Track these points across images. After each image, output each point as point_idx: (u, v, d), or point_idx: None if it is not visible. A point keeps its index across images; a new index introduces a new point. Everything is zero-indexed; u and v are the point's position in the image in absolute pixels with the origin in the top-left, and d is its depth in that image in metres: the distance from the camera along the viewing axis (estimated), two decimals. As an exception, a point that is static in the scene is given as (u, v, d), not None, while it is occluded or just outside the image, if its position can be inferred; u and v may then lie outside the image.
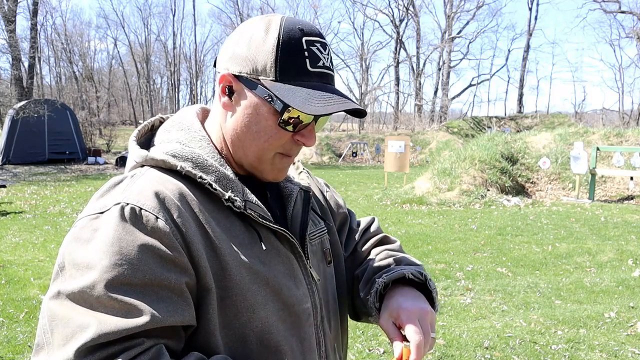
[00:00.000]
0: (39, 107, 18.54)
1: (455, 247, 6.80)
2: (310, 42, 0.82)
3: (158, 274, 0.72)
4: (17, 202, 10.65)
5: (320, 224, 1.01)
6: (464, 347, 3.70)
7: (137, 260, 0.71)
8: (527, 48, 39.04)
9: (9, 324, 4.11)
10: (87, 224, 0.75)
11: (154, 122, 0.97)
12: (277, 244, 0.87)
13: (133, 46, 47.28)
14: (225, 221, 0.82)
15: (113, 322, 0.68)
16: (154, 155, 0.83)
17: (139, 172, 0.83)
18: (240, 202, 0.82)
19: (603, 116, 37.93)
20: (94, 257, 0.71)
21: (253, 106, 0.83)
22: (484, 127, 28.42)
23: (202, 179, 0.82)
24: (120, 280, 0.70)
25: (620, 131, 13.45)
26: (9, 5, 23.39)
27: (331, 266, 1.02)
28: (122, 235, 0.72)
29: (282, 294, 0.84)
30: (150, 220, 0.74)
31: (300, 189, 0.97)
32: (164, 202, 0.77)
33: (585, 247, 6.78)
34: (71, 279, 0.71)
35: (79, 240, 0.74)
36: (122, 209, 0.74)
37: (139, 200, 0.76)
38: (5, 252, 6.44)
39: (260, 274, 0.82)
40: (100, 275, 0.69)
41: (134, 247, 0.72)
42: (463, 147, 14.54)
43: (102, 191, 0.81)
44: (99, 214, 0.76)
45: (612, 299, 4.76)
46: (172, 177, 0.82)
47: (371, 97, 43.71)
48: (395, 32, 38.90)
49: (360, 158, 25.22)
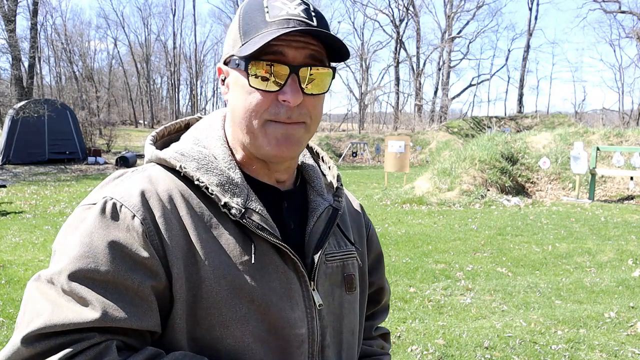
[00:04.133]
0: (39, 107, 18.53)
1: (455, 247, 6.80)
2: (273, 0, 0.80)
3: (122, 273, 0.71)
4: (17, 202, 10.65)
5: (347, 247, 0.92)
6: (464, 347, 3.70)
7: (103, 256, 0.70)
8: (527, 48, 39.04)
9: (9, 324, 4.11)
10: (79, 213, 0.77)
11: (189, 120, 0.97)
12: (276, 259, 0.80)
13: (133, 46, 47.30)
14: (219, 228, 0.78)
15: (64, 313, 0.68)
16: (159, 154, 0.83)
17: (142, 168, 0.83)
18: (237, 210, 0.77)
19: (603, 116, 37.93)
20: (69, 246, 0.72)
21: (234, 81, 0.82)
22: (484, 127, 28.41)
23: (199, 181, 0.79)
24: (83, 273, 0.69)
25: (620, 131, 13.45)
26: (9, 5, 23.38)
27: (354, 294, 0.92)
28: (96, 229, 0.72)
29: (270, 314, 0.77)
30: (127, 217, 0.73)
31: (330, 205, 0.90)
32: (147, 202, 0.75)
33: (585, 247, 6.78)
34: (53, 264, 0.73)
35: (69, 227, 0.76)
36: (105, 203, 0.75)
37: (123, 197, 0.75)
38: (5, 252, 6.44)
39: (244, 289, 0.76)
40: (67, 264, 0.70)
41: (103, 242, 0.71)
42: (463, 147, 14.54)
43: (103, 183, 0.83)
44: (92, 205, 0.76)
45: (612, 299, 4.76)
46: (175, 177, 0.80)
47: (371, 97, 43.71)
48: (395, 32, 38.90)
49: (360, 158, 25.22)
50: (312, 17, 0.79)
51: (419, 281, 5.34)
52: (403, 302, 4.66)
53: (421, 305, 4.59)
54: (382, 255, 1.08)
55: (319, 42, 0.79)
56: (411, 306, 4.57)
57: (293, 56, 0.78)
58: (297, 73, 0.77)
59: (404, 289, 5.04)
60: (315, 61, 0.80)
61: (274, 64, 0.77)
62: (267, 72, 0.77)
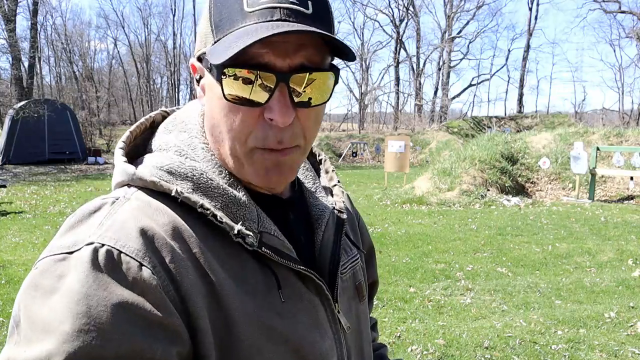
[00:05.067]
0: (39, 107, 18.56)
1: (455, 247, 6.80)
2: None
3: (139, 343, 0.53)
4: (17, 202, 10.65)
5: (352, 252, 0.82)
6: (464, 347, 3.70)
7: (110, 326, 0.52)
8: (527, 48, 39.05)
9: (9, 324, 4.11)
10: (50, 267, 0.56)
11: (154, 117, 0.77)
12: (299, 286, 0.68)
13: (133, 46, 47.30)
14: (234, 262, 0.63)
15: None
16: (143, 174, 0.64)
17: (123, 195, 0.63)
18: (253, 238, 0.63)
19: (603, 116, 37.94)
20: (54, 317, 0.52)
21: (209, 86, 0.64)
22: (484, 127, 28.43)
23: (203, 208, 0.62)
24: (86, 353, 0.51)
25: (620, 131, 13.46)
26: (9, 5, 23.39)
27: (364, 303, 0.84)
28: (92, 291, 0.53)
29: (304, 351, 0.66)
30: (131, 268, 0.56)
31: (333, 209, 0.78)
32: (152, 242, 0.58)
33: (585, 247, 6.78)
34: (26, 344, 0.53)
35: (37, 289, 0.55)
36: (95, 252, 0.55)
37: (119, 240, 0.57)
38: (5, 252, 6.44)
39: (277, 330, 0.64)
40: (58, 345, 0.51)
41: (106, 307, 0.53)
42: (463, 147, 14.54)
43: (74, 220, 0.61)
44: (67, 255, 0.56)
45: (612, 299, 4.76)
46: (164, 204, 0.62)
47: (371, 97, 43.72)
48: (395, 32, 38.91)
49: (360, 158, 25.23)
50: (305, 2, 0.61)
51: (419, 281, 5.34)
52: (403, 302, 4.66)
53: (421, 305, 4.60)
54: (374, 248, 0.98)
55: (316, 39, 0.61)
56: (411, 306, 4.57)
57: (281, 60, 0.59)
58: (287, 82, 0.60)
59: (404, 289, 5.04)
60: (312, 63, 0.61)
61: (259, 72, 0.59)
62: (247, 82, 0.59)
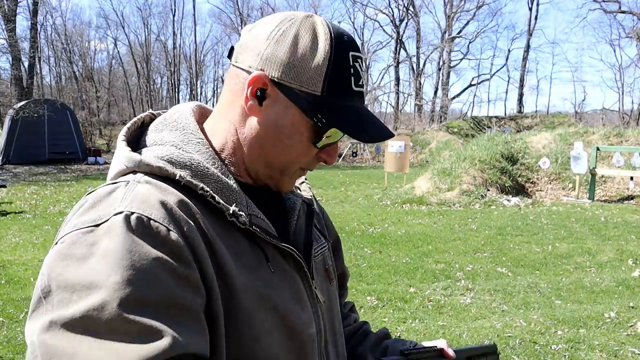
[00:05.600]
0: (39, 107, 18.56)
1: (455, 247, 6.80)
2: (355, 58, 0.76)
3: (174, 292, 0.61)
4: (17, 202, 10.65)
5: (321, 240, 0.93)
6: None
7: (152, 277, 0.60)
8: (527, 48, 39.04)
9: (9, 324, 4.11)
10: (79, 238, 0.62)
11: (144, 118, 0.85)
12: (283, 263, 0.78)
13: (133, 46, 47.31)
14: (230, 238, 0.72)
15: (130, 350, 0.56)
16: (149, 160, 0.72)
17: (134, 179, 0.71)
18: (245, 217, 0.73)
19: (603, 116, 37.93)
20: (98, 274, 0.59)
21: (289, 117, 0.75)
22: (484, 127, 28.43)
23: (203, 190, 0.71)
24: (136, 298, 0.58)
25: (620, 131, 13.47)
26: (9, 5, 23.40)
27: (334, 284, 0.94)
28: (133, 248, 0.61)
29: (289, 320, 0.75)
30: (161, 232, 0.64)
31: (302, 201, 0.89)
32: (172, 213, 0.66)
33: (585, 247, 6.78)
34: (65, 305, 0.58)
35: (70, 258, 0.61)
36: (128, 218, 0.63)
37: (145, 209, 0.65)
38: (5, 252, 6.44)
39: (268, 298, 0.73)
40: (110, 293, 0.57)
41: (147, 261, 0.60)
42: (463, 147, 14.55)
43: (91, 202, 0.68)
44: (94, 227, 0.63)
45: (612, 299, 4.76)
46: (170, 187, 0.71)
47: (371, 97, 43.72)
48: (395, 32, 38.91)
49: (360, 158, 25.23)
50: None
51: (419, 281, 5.34)
52: (403, 302, 4.66)
53: (421, 305, 4.60)
54: (340, 241, 1.07)
55: None
56: (411, 306, 4.57)
57: None
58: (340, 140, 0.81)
59: (404, 289, 5.04)
60: None
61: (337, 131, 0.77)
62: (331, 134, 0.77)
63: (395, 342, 1.03)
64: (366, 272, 5.65)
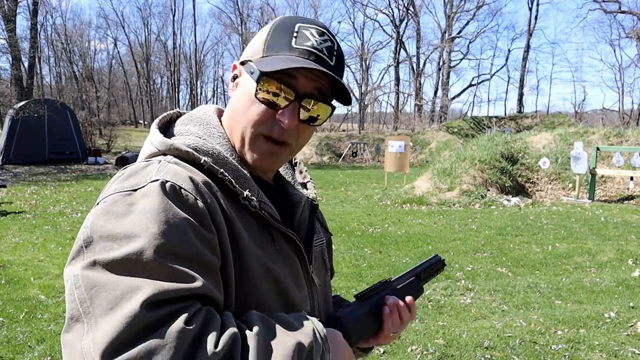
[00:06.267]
0: (39, 107, 18.54)
1: (455, 247, 6.80)
2: (304, 27, 0.86)
3: (201, 249, 0.71)
4: (17, 202, 10.65)
5: (320, 234, 1.04)
6: (464, 347, 3.70)
7: (183, 232, 0.70)
8: (527, 48, 39.06)
9: (9, 324, 4.11)
10: (119, 199, 0.73)
11: (172, 115, 0.97)
12: (285, 246, 0.89)
13: (133, 46, 47.32)
14: (242, 218, 0.83)
15: (167, 283, 0.66)
16: (178, 145, 0.83)
17: (164, 159, 0.82)
18: (255, 202, 0.84)
19: (603, 116, 37.94)
20: (137, 226, 0.68)
21: (243, 84, 0.88)
22: (484, 127, 28.43)
23: (223, 175, 0.83)
24: (168, 249, 0.68)
25: (620, 131, 13.47)
26: (9, 5, 23.39)
27: (328, 274, 1.06)
28: (168, 207, 0.71)
29: (288, 295, 0.86)
30: (190, 199, 0.75)
31: (308, 198, 1.00)
32: (198, 187, 0.77)
33: (585, 247, 6.78)
34: (107, 251, 0.67)
35: (111, 214, 0.71)
36: (163, 185, 0.74)
37: (177, 180, 0.76)
38: (5, 252, 6.44)
39: (272, 271, 0.83)
40: (148, 241, 0.67)
41: (179, 220, 0.71)
42: (463, 147, 14.55)
43: (128, 173, 0.79)
44: (132, 191, 0.74)
45: (612, 299, 4.76)
46: (195, 169, 0.82)
47: (371, 97, 43.72)
48: (395, 32, 38.91)
49: (360, 158, 25.23)
50: (332, 56, 0.87)
51: (419, 281, 5.34)
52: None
53: (421, 305, 4.60)
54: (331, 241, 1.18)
55: (329, 80, 0.86)
56: (411, 306, 4.57)
57: (302, 84, 0.84)
58: (300, 101, 0.84)
59: (404, 289, 5.03)
60: (320, 95, 0.87)
61: (284, 86, 0.83)
62: (276, 89, 0.83)
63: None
64: (366, 272, 5.65)
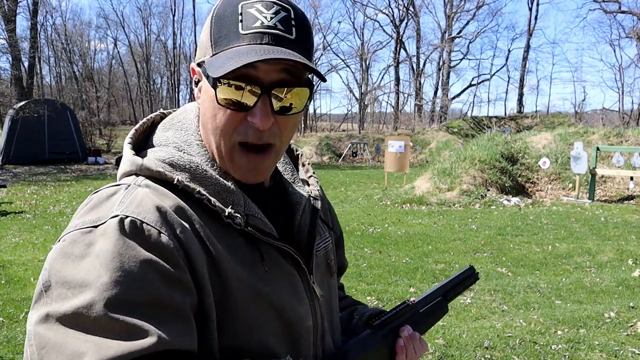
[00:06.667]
0: (39, 107, 18.56)
1: (455, 247, 6.80)
2: (248, 6, 0.73)
3: (163, 292, 0.65)
4: (17, 202, 10.65)
5: (325, 234, 0.95)
6: (464, 347, 3.70)
7: (141, 278, 0.64)
8: (527, 48, 39.04)
9: (9, 324, 4.11)
10: (78, 238, 0.67)
11: (154, 118, 0.89)
12: (280, 260, 0.81)
13: (133, 46, 47.30)
14: (226, 238, 0.76)
15: (114, 345, 0.60)
16: (149, 165, 0.76)
17: (134, 182, 0.75)
18: (240, 219, 0.76)
19: (603, 116, 37.92)
20: (90, 274, 0.63)
21: (204, 91, 0.78)
22: (484, 127, 28.42)
23: (200, 194, 0.75)
24: (122, 299, 0.62)
25: (620, 131, 13.46)
26: (9, 5, 23.40)
27: (334, 278, 0.98)
28: (123, 250, 0.65)
29: (285, 313, 0.79)
30: (152, 234, 0.68)
31: (309, 197, 0.91)
32: (166, 217, 0.70)
33: (585, 247, 6.78)
34: (61, 300, 0.63)
35: (69, 256, 0.66)
36: (122, 222, 0.67)
37: (140, 213, 0.69)
38: (5, 252, 6.44)
39: (263, 294, 0.77)
40: (98, 293, 0.61)
41: (136, 263, 0.64)
42: (463, 147, 14.54)
43: (93, 203, 0.73)
44: (93, 228, 0.68)
45: (612, 299, 4.76)
46: (168, 190, 0.74)
47: (371, 97, 43.72)
48: (395, 32, 38.90)
49: (360, 158, 25.23)
50: (290, 28, 0.74)
51: (419, 281, 5.34)
52: (403, 302, 4.66)
53: (421, 305, 4.60)
54: (342, 235, 1.11)
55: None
56: (411, 306, 4.57)
57: (265, 73, 0.72)
58: (268, 94, 0.73)
59: (404, 289, 5.04)
60: (291, 77, 0.74)
61: (244, 83, 0.72)
62: (237, 89, 0.72)
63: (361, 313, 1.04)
64: (366, 272, 5.65)
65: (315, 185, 0.96)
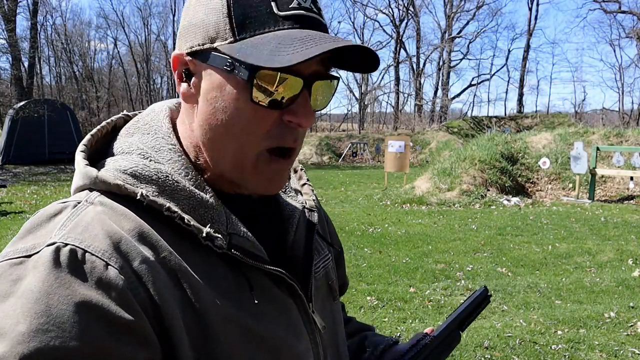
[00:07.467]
0: (39, 107, 18.57)
1: (455, 247, 6.80)
2: None
3: (105, 345, 0.50)
4: (17, 202, 10.65)
5: (324, 251, 0.80)
6: (464, 347, 3.70)
7: (72, 325, 0.49)
8: (527, 48, 39.07)
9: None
10: (5, 271, 0.53)
11: (116, 121, 0.73)
12: (272, 287, 0.66)
13: (133, 46, 47.30)
14: (205, 264, 0.61)
15: None
16: (106, 177, 0.60)
17: (86, 199, 0.60)
18: (222, 240, 0.61)
19: (603, 116, 37.92)
20: (9, 319, 0.49)
21: (216, 85, 0.61)
22: (484, 127, 28.44)
23: (170, 211, 0.59)
24: (43, 355, 0.47)
25: (620, 131, 13.46)
26: (9, 5, 23.42)
27: (338, 302, 0.83)
28: (53, 289, 0.50)
29: (282, 354, 0.65)
30: (97, 267, 0.52)
31: (303, 208, 0.77)
32: (119, 244, 0.55)
33: (585, 247, 6.78)
34: None
35: None
36: (57, 251, 0.52)
37: (83, 240, 0.54)
38: (5, 252, 6.45)
39: (252, 331, 0.61)
40: (11, 347, 0.47)
41: (68, 306, 0.49)
42: (463, 147, 14.55)
43: (32, 224, 0.59)
44: (25, 258, 0.53)
45: (612, 299, 4.76)
46: (129, 209, 0.59)
47: (371, 97, 43.73)
48: (395, 32, 38.92)
49: (360, 158, 25.24)
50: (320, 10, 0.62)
51: (419, 281, 5.34)
52: (403, 302, 4.66)
53: (421, 305, 4.60)
54: (342, 250, 0.96)
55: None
56: (411, 306, 4.58)
57: (307, 67, 0.60)
58: (309, 88, 0.61)
59: (404, 289, 5.04)
60: (325, 68, 0.63)
61: (285, 74, 0.58)
62: (275, 82, 0.58)
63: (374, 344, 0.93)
64: (366, 272, 5.65)
65: (310, 194, 0.81)
